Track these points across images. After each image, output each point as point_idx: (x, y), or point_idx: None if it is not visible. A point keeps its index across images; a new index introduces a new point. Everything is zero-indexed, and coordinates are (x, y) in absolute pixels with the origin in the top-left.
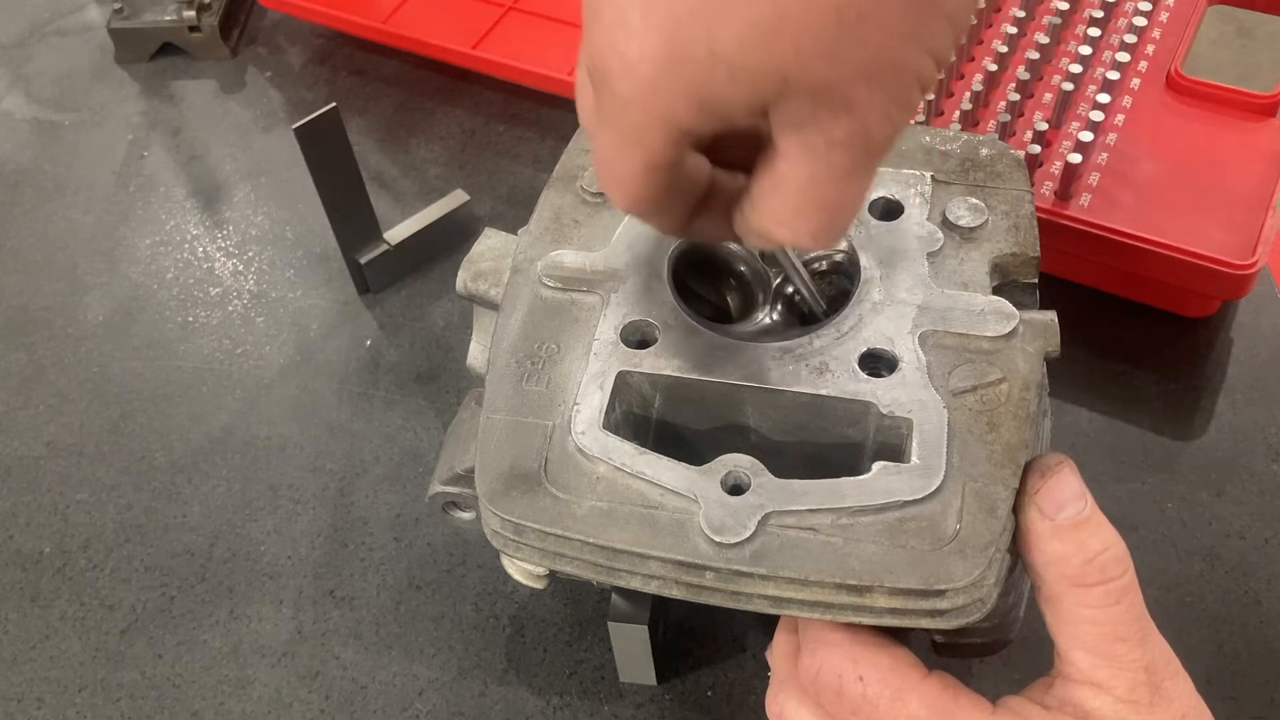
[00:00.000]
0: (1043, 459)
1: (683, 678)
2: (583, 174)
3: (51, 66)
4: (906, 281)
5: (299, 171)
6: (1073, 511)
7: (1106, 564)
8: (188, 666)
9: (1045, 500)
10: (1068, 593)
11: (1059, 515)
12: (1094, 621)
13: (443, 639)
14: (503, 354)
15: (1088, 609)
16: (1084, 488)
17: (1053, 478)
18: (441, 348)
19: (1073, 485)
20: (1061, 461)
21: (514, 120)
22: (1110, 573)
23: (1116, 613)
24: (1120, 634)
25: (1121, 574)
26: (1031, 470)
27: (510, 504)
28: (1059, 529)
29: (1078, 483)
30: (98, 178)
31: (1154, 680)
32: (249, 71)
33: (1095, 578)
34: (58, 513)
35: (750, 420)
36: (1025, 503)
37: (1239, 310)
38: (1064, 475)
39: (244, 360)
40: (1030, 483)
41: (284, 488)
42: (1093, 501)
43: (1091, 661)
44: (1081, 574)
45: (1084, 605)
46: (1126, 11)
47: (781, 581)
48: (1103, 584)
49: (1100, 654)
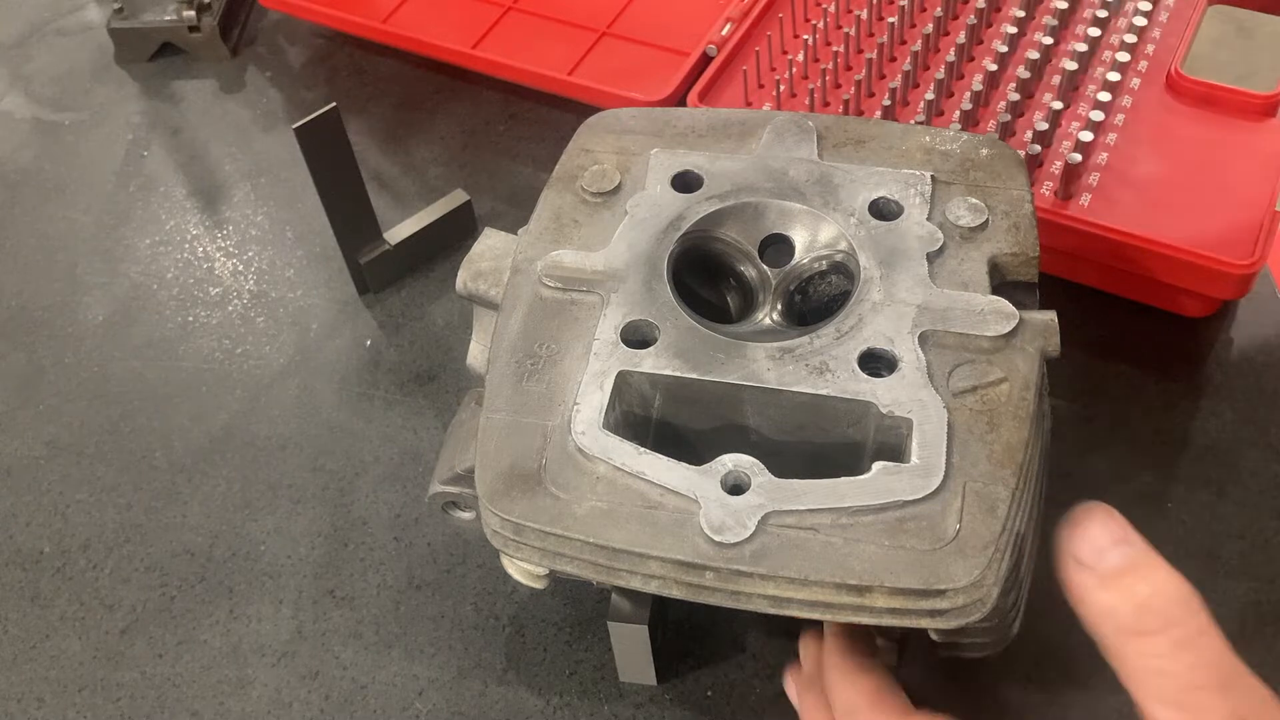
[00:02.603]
0: (1074, 510)
1: (683, 678)
2: (583, 174)
3: (51, 66)
4: (906, 281)
5: (299, 171)
6: (1117, 557)
7: (1165, 608)
8: (187, 666)
9: (1080, 548)
10: (1129, 645)
11: (1101, 564)
12: (1163, 673)
13: (443, 639)
14: (502, 354)
15: (1154, 659)
16: (1127, 530)
17: (1084, 524)
18: (441, 348)
19: (1111, 528)
20: (1093, 507)
21: (514, 120)
22: (1169, 620)
23: (1188, 659)
24: (1197, 682)
25: (1188, 618)
26: (1062, 523)
27: (510, 504)
28: (1104, 579)
29: (1117, 525)
30: (98, 177)
31: None
32: (249, 71)
33: (1155, 624)
34: (58, 513)
35: (750, 420)
36: (1063, 559)
37: (1239, 310)
38: (1097, 518)
39: (244, 360)
40: (1062, 536)
41: (284, 487)
42: (1142, 544)
43: (1170, 714)
44: (1138, 623)
45: (1149, 656)
46: (1126, 11)
47: (781, 581)
48: (1164, 631)
49: (1178, 705)
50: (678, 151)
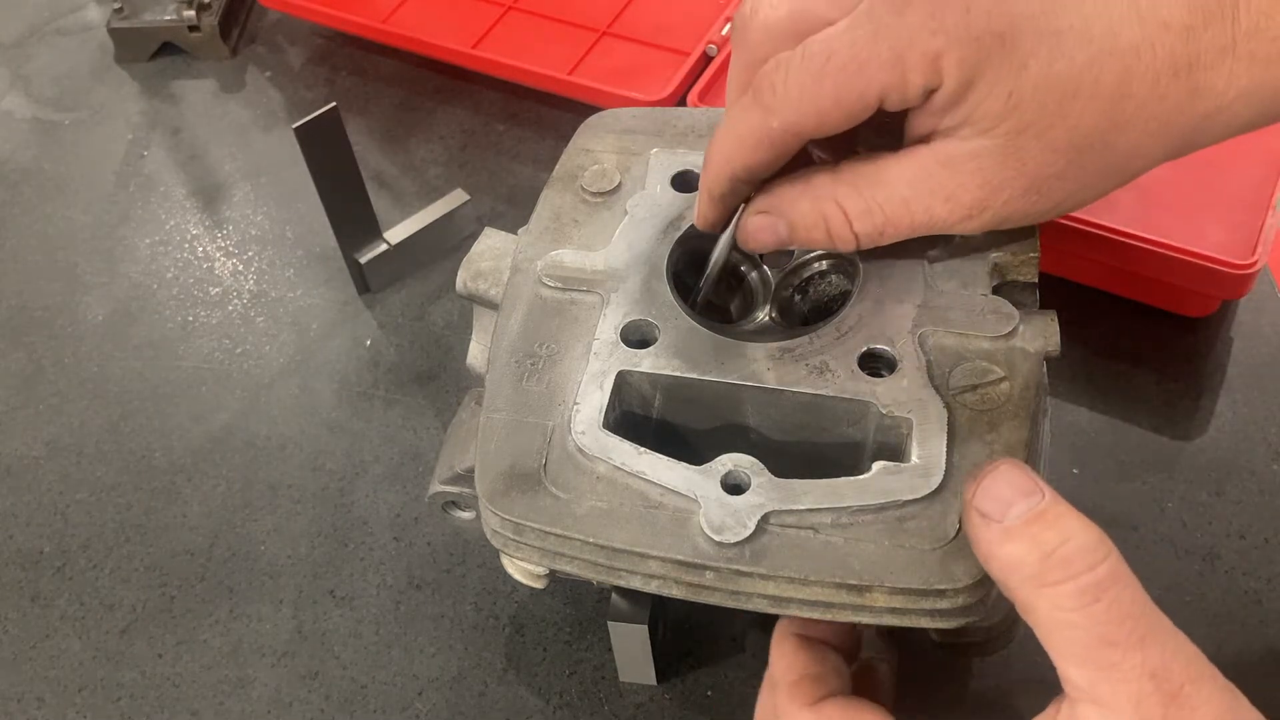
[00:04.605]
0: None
1: (683, 678)
2: (583, 174)
3: (51, 66)
4: (906, 281)
5: (299, 171)
6: (1023, 508)
7: (1070, 557)
8: (187, 666)
9: (985, 501)
10: (1038, 598)
11: (1007, 515)
12: (1074, 626)
13: (443, 639)
14: (502, 353)
15: (1063, 613)
16: (1035, 482)
17: (989, 477)
18: (441, 348)
19: (1015, 480)
20: (999, 461)
21: (514, 120)
22: (1076, 566)
23: (1097, 612)
24: (1109, 637)
25: (1092, 566)
26: (966, 479)
27: (510, 503)
28: (1009, 530)
29: (1024, 477)
30: (97, 177)
31: (1166, 688)
32: (249, 71)
33: (1058, 574)
34: (58, 512)
35: (750, 420)
36: (967, 513)
37: (1239, 310)
38: (1002, 471)
39: (244, 360)
40: (965, 490)
41: (284, 487)
42: (1052, 494)
43: (1086, 675)
44: (1042, 572)
45: (1058, 609)
46: None
47: (781, 581)
48: (1070, 579)
49: (1092, 664)
50: (678, 151)
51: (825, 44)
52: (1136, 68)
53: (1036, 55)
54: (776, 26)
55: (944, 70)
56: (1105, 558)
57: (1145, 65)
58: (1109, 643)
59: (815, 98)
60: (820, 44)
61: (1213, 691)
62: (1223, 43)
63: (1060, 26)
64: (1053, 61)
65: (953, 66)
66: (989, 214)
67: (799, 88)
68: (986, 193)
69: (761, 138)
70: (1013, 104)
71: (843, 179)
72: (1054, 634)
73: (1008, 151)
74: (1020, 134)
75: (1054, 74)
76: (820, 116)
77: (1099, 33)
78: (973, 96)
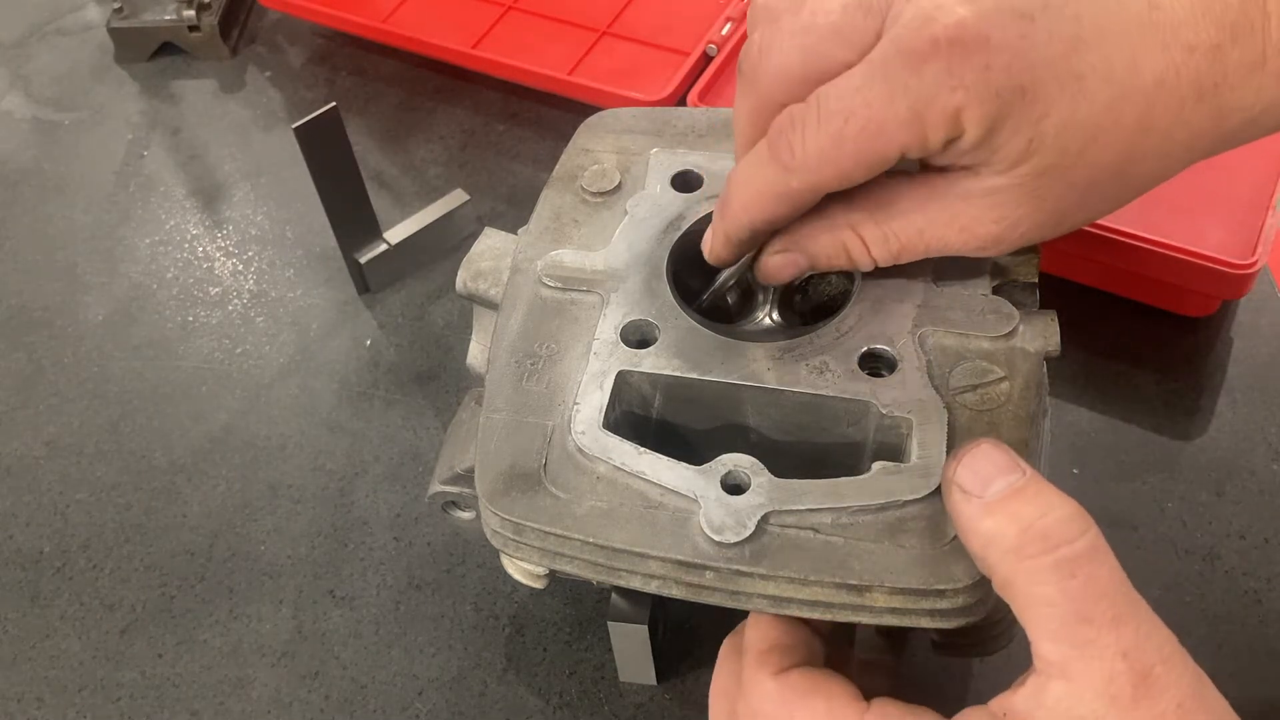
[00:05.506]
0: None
1: (683, 678)
2: (582, 174)
3: (51, 66)
4: (906, 281)
5: (299, 171)
6: (1003, 485)
7: (1048, 530)
8: (187, 666)
9: (966, 477)
10: (1015, 572)
11: (988, 491)
12: (1050, 602)
13: (443, 639)
14: (502, 353)
15: (1040, 587)
16: (1015, 461)
17: (970, 454)
18: (441, 347)
19: (996, 458)
20: (980, 440)
21: (514, 120)
22: (1054, 539)
23: (1074, 588)
24: (1084, 613)
25: (1070, 540)
26: (948, 460)
27: (510, 503)
28: (988, 505)
29: (1004, 456)
30: (97, 177)
31: (1138, 668)
32: (249, 71)
33: (1036, 547)
34: (58, 512)
35: (750, 420)
36: (947, 490)
37: (1239, 310)
38: (983, 449)
39: (244, 360)
40: (946, 468)
41: (284, 487)
42: (1033, 473)
43: (1060, 651)
44: (1020, 545)
45: (1035, 584)
46: None
47: (781, 581)
48: (1048, 553)
49: (1066, 640)
50: (678, 151)
51: (842, 103)
52: (1159, 100)
53: (1058, 104)
54: (788, 73)
55: (965, 123)
56: (1084, 532)
57: (1169, 95)
58: (1084, 620)
59: (836, 160)
60: (837, 102)
61: (1182, 674)
62: (1252, 58)
63: (1082, 69)
64: (1075, 109)
65: (974, 121)
66: (1004, 245)
67: (818, 151)
68: (1003, 228)
69: (781, 194)
70: (1033, 149)
71: (858, 206)
72: (1030, 609)
73: (1026, 190)
74: (1040, 176)
75: (1076, 120)
76: (841, 176)
77: (1120, 71)
78: (993, 142)
